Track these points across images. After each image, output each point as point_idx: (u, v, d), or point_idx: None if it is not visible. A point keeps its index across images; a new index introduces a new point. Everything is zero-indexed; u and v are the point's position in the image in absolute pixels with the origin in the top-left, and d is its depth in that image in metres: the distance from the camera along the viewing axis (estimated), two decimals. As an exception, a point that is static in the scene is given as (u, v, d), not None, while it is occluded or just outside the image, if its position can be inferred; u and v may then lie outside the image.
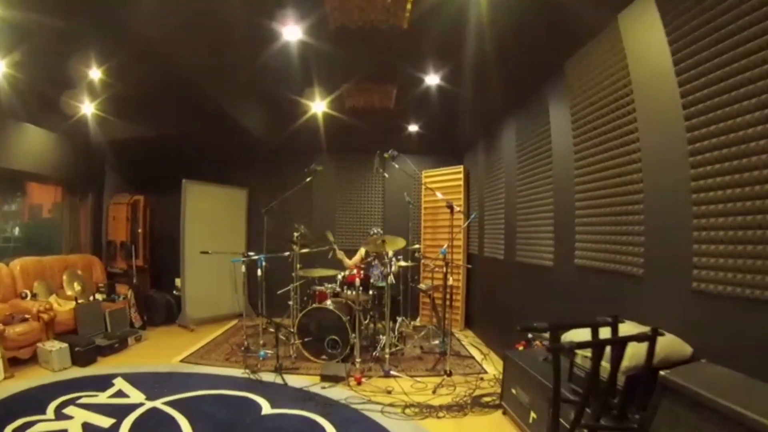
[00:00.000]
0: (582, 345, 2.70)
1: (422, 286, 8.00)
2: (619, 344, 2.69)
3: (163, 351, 7.11)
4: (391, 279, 6.26)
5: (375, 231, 7.78)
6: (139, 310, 8.59)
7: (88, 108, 7.46)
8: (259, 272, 6.83)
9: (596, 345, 2.67)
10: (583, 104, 4.62)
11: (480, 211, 8.14)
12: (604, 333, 2.89)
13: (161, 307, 8.99)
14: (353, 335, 6.20)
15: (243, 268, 7.03)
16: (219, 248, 7.72)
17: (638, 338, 2.70)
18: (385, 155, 6.63)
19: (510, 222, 6.67)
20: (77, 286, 8.14)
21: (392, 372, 6.00)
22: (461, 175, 9.01)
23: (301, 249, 7.26)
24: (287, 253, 7.34)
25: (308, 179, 7.71)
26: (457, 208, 6.56)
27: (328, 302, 6.65)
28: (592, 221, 4.49)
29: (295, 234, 7.45)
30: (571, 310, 4.74)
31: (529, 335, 5.40)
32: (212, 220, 9.36)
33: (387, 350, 6.17)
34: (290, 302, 7.13)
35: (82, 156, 9.20)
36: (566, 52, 4.87)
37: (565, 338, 3.39)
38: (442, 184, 9.22)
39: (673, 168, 3.35)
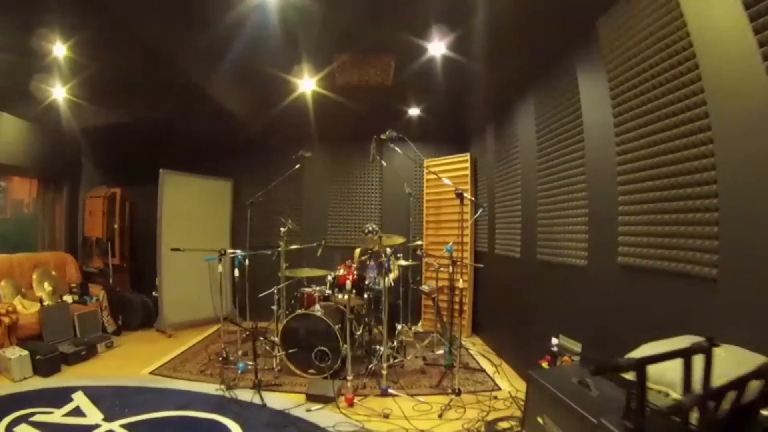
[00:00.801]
0: (710, 394, 1.73)
1: (425, 287, 7.04)
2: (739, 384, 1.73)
3: (135, 360, 6.33)
4: (389, 280, 5.27)
5: (370, 228, 6.97)
6: (113, 313, 7.75)
7: (59, 92, 6.74)
8: (236, 272, 5.92)
9: (730, 388, 1.72)
10: (624, 69, 3.69)
11: (490, 203, 7.20)
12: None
13: (138, 309, 8.13)
14: (344, 346, 5.27)
15: (220, 267, 6.07)
16: (201, 245, 6.78)
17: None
18: (383, 136, 5.69)
19: (528, 215, 5.76)
20: (48, 287, 7.37)
21: (390, 390, 5.09)
22: (468, 164, 8.10)
23: (287, 246, 6.27)
24: (270, 251, 6.38)
25: (296, 167, 6.83)
26: (467, 197, 5.58)
27: (317, 307, 5.75)
28: (641, 209, 3.54)
29: (282, 229, 6.53)
30: (612, 320, 3.87)
31: (554, 347, 4.51)
32: (193, 215, 8.49)
33: (385, 364, 5.21)
34: (274, 307, 6.13)
35: (56, 146, 8.45)
36: (599, 7, 3.94)
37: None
38: (447, 174, 8.19)
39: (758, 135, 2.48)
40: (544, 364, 4.46)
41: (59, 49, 5.32)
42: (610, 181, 3.93)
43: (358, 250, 7.25)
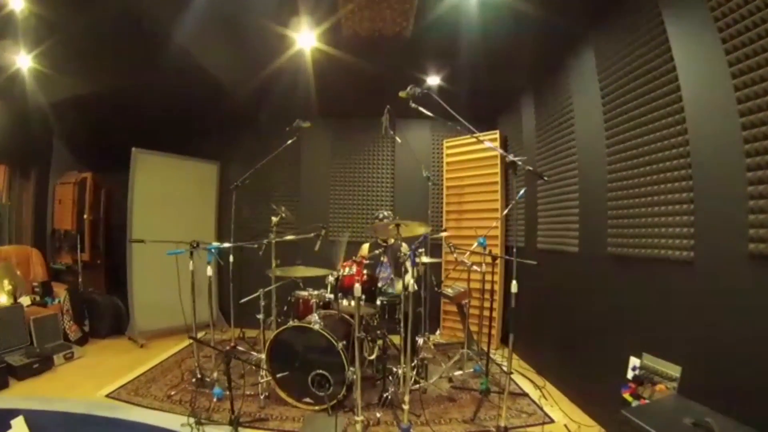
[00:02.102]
0: None
1: (449, 291, 5.63)
2: None
3: (94, 377, 5.13)
4: (412, 282, 3.85)
5: (384, 214, 5.71)
6: (77, 317, 6.48)
7: (24, 61, 5.64)
8: (209, 270, 4.58)
9: None
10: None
11: (531, 187, 5.81)
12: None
13: (107, 313, 6.82)
14: (351, 370, 3.92)
15: (191, 264, 4.65)
16: (182, 237, 5.31)
17: None
18: (403, 93, 4.24)
19: (591, 201, 4.53)
20: (7, 285, 6.15)
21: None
22: (497, 143, 6.75)
23: (277, 237, 4.89)
24: (255, 244, 5.04)
25: (292, 140, 5.51)
26: (523, 165, 4.13)
27: (314, 317, 4.39)
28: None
29: (274, 219, 5.22)
30: (733, 332, 2.82)
31: (636, 370, 3.52)
32: (172, 203, 7.14)
33: (406, 394, 3.76)
34: (259, 316, 4.71)
35: (22, 125, 7.13)
36: None
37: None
38: (471, 155, 7.03)
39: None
40: (627, 396, 3.39)
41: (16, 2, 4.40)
42: (732, 144, 2.76)
43: (366, 245, 5.87)
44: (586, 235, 4.63)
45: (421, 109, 4.28)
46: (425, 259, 5.05)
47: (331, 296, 4.68)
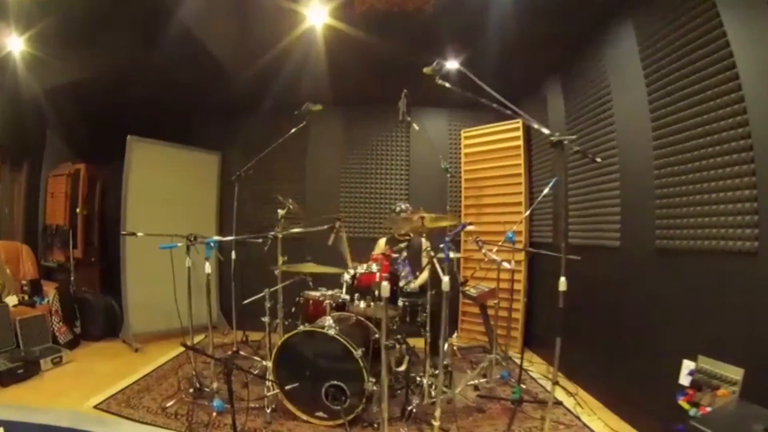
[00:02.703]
0: None
1: (471, 291, 5.08)
2: None
3: (83, 384, 4.63)
4: (445, 279, 3.29)
5: (402, 207, 5.21)
6: (67, 319, 5.98)
7: (15, 44, 5.25)
8: (207, 267, 4.00)
9: None
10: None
11: (563, 178, 5.24)
12: None
13: (99, 314, 6.30)
14: (371, 381, 3.40)
15: (188, 261, 4.10)
16: (179, 232, 4.76)
17: None
18: (427, 69, 3.69)
19: (635, 190, 4.07)
20: None
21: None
22: (519, 133, 6.26)
23: (283, 231, 4.35)
24: (260, 239, 4.50)
25: (300, 126, 5.00)
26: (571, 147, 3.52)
27: (328, 321, 3.83)
28: None
29: (280, 212, 4.68)
30: None
31: (692, 374, 3.11)
32: (170, 194, 6.59)
33: (438, 408, 3.24)
34: (265, 319, 4.16)
35: (12, 112, 6.59)
36: None
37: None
38: (491, 146, 6.52)
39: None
40: (684, 404, 2.99)
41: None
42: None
43: (382, 240, 5.34)
44: (629, 229, 4.15)
45: (448, 85, 3.70)
46: (452, 255, 4.49)
47: (347, 297, 4.14)
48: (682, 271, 3.45)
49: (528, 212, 5.58)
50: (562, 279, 3.34)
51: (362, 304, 3.95)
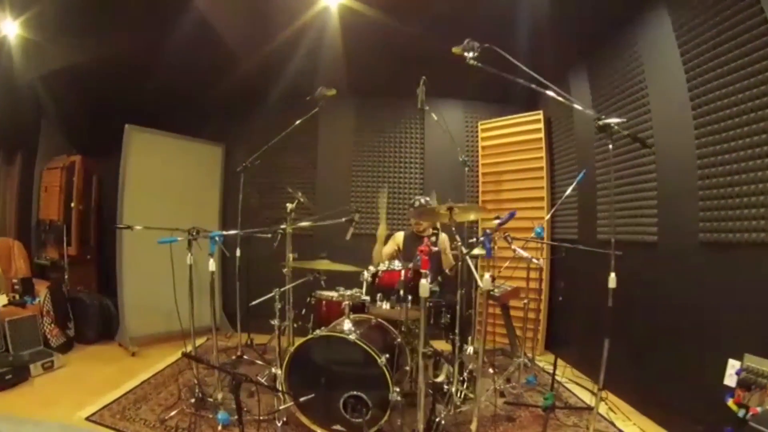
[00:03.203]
0: None
1: (494, 290, 4.68)
2: None
3: (75, 392, 4.20)
4: (486, 277, 2.90)
5: (422, 201, 4.79)
6: (60, 320, 5.52)
7: (9, 28, 4.95)
8: (211, 263, 3.57)
9: None
10: None
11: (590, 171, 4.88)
12: None
13: (94, 315, 5.86)
14: (396, 391, 2.98)
15: (189, 258, 3.67)
16: (181, 226, 4.31)
17: None
18: (456, 49, 3.30)
19: (676, 180, 3.78)
20: None
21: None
22: (540, 125, 5.89)
23: (293, 225, 3.97)
24: (270, 234, 4.13)
25: (314, 111, 4.65)
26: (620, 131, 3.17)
27: (347, 325, 3.41)
28: None
29: (289, 206, 4.28)
30: None
31: (738, 373, 2.89)
32: (170, 187, 6.17)
33: (474, 418, 2.87)
34: (274, 322, 3.72)
35: (5, 101, 6.13)
36: None
37: None
38: (510, 138, 6.14)
39: None
40: (732, 405, 2.81)
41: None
42: None
43: (400, 235, 4.93)
44: (668, 222, 3.85)
45: (480, 65, 3.30)
46: (477, 251, 4.06)
47: (367, 298, 3.72)
48: (728, 265, 3.21)
49: (557, 207, 5.18)
50: (612, 275, 3.09)
51: (385, 306, 3.54)
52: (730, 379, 2.95)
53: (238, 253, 4.96)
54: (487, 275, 2.82)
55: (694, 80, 3.45)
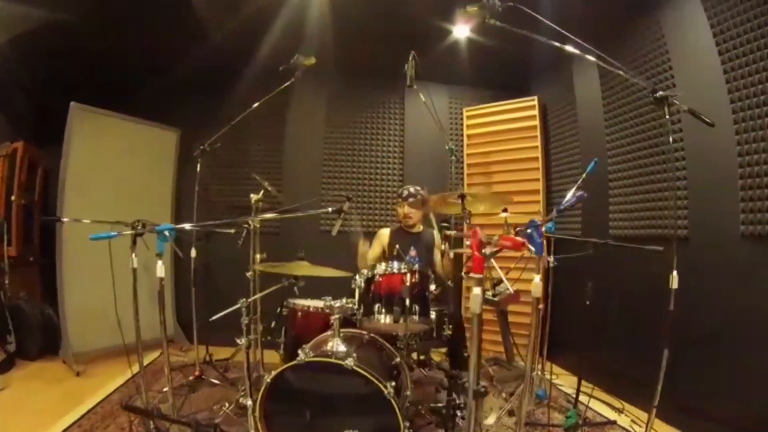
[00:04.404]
0: None
1: (493, 294, 4.02)
2: None
3: (8, 425, 3.39)
4: (536, 280, 2.27)
5: (412, 190, 4.15)
6: (-7, 332, 4.55)
7: None
8: (159, 266, 2.77)
9: None
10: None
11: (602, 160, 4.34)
12: None
13: (36, 327, 4.87)
14: (406, 426, 2.31)
15: (134, 260, 2.82)
16: (128, 218, 3.47)
17: None
18: (471, 9, 2.61)
19: (710, 168, 3.39)
20: None
21: None
22: (536, 111, 5.27)
23: (259, 218, 3.26)
24: (233, 229, 3.43)
25: (289, 82, 3.94)
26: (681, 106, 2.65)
27: (338, 345, 2.62)
28: None
29: (254, 196, 3.60)
30: None
31: None
32: (121, 176, 5.27)
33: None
34: (241, 341, 2.87)
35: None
36: None
37: None
38: (500, 126, 5.50)
39: None
40: None
41: None
42: None
43: (386, 232, 4.24)
44: (702, 216, 3.43)
45: (504, 26, 2.63)
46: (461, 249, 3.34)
47: (357, 308, 2.94)
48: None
49: (570, 200, 4.59)
50: (674, 273, 2.67)
51: (386, 319, 2.77)
52: None
53: (193, 253, 4.16)
54: (537, 278, 2.16)
55: (731, 62, 3.10)
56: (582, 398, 3.76)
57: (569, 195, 3.45)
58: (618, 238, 4.04)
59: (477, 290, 1.68)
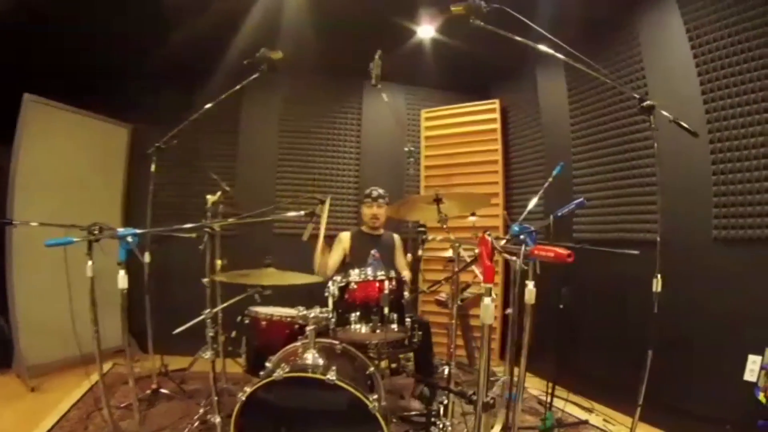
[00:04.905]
0: None
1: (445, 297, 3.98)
2: None
3: None
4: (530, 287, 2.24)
5: (380, 191, 4.07)
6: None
7: None
8: (121, 276, 2.50)
9: None
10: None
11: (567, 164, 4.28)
12: None
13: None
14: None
15: (90, 268, 2.57)
16: (78, 221, 3.07)
17: None
18: (456, 8, 2.47)
19: (683, 174, 3.43)
20: None
21: None
22: (496, 114, 5.26)
23: (222, 222, 3.14)
24: (195, 233, 3.24)
25: (254, 76, 3.62)
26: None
27: (315, 357, 2.41)
28: None
29: (210, 198, 3.48)
30: None
31: (765, 368, 2.79)
32: (70, 174, 4.85)
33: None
34: (206, 355, 2.63)
35: None
36: None
37: None
38: (460, 129, 5.46)
39: None
40: (762, 398, 2.73)
41: None
42: None
43: (346, 235, 4.05)
44: (672, 219, 3.35)
45: (488, 27, 2.51)
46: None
47: (332, 316, 2.68)
48: (742, 261, 3.06)
49: (534, 202, 4.55)
50: (658, 277, 2.70)
51: (364, 329, 2.58)
52: (750, 375, 2.88)
53: (147, 258, 3.88)
54: (530, 284, 2.12)
55: (706, 75, 3.21)
56: (575, 410, 3.80)
57: (533, 202, 3.44)
58: (582, 241, 4.05)
59: (488, 300, 1.57)
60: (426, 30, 4.64)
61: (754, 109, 2.96)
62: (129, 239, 2.42)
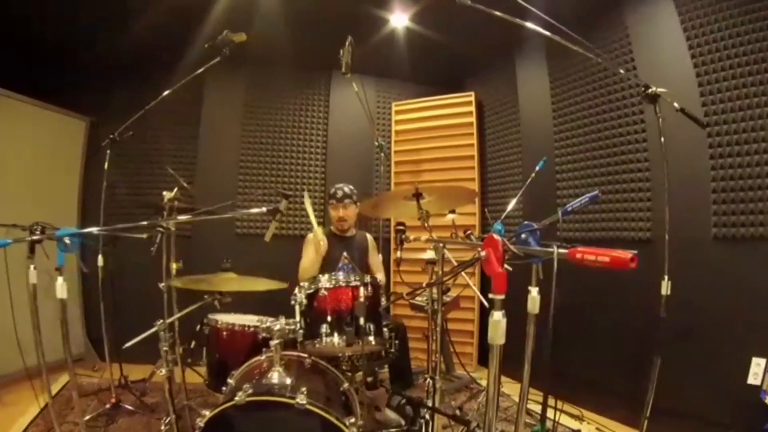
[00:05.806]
0: None
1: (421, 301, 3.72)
2: None
3: None
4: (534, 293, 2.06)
5: (346, 190, 3.70)
6: None
7: None
8: (60, 284, 2.16)
9: None
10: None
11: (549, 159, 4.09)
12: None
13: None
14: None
15: (33, 272, 2.25)
16: (31, 219, 2.61)
17: None
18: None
19: (678, 168, 3.15)
20: None
21: None
22: (472, 108, 5.04)
23: (177, 220, 2.92)
24: (145, 233, 2.95)
25: (215, 61, 3.41)
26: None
27: (285, 379, 2.09)
28: None
29: (167, 194, 3.15)
30: None
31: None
32: (22, 169, 4.46)
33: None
34: (162, 371, 2.33)
35: None
36: None
37: None
38: (432, 122, 5.26)
39: None
40: None
41: None
42: None
43: (319, 231, 3.67)
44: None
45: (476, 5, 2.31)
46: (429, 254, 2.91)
47: (300, 328, 2.38)
48: (744, 260, 2.99)
49: (516, 198, 4.29)
50: (666, 278, 2.57)
51: (337, 340, 2.28)
52: (754, 378, 2.81)
53: (100, 261, 3.56)
54: (534, 290, 1.91)
55: (702, 65, 3.11)
56: (535, 407, 3.51)
57: (514, 201, 3.21)
58: (570, 240, 3.81)
59: (498, 315, 1.30)
60: (399, 18, 4.39)
61: (755, 102, 2.87)
62: (67, 241, 2.08)
